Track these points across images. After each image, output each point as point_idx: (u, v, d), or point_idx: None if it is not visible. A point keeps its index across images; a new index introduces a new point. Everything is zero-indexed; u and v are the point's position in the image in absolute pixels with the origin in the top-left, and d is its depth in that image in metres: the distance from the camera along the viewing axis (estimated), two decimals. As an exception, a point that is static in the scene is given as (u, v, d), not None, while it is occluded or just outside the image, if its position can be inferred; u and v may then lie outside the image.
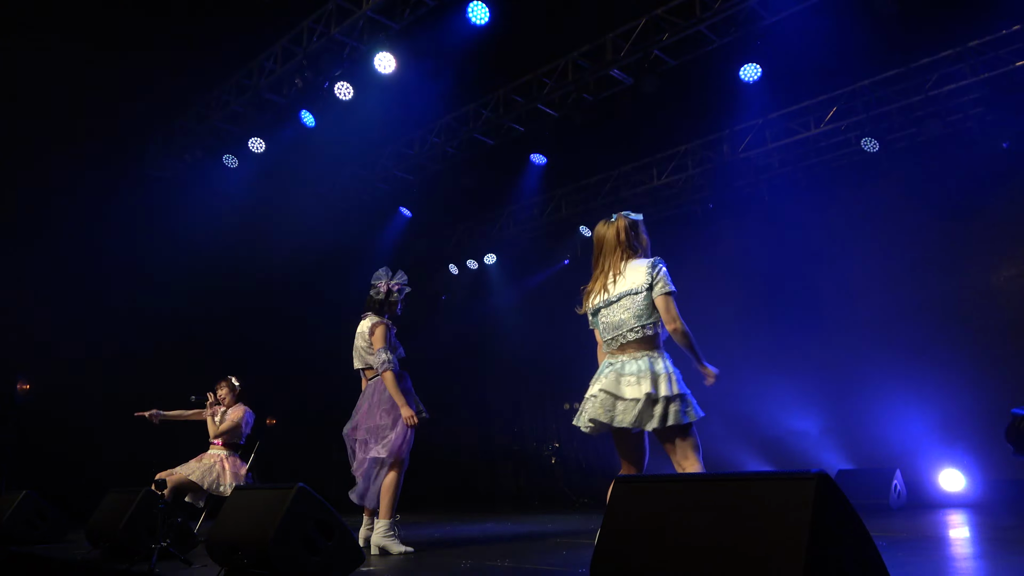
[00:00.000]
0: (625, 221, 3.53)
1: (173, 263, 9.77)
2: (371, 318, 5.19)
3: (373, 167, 10.87)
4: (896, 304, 9.21)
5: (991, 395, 8.13)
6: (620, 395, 3.20)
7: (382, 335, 5.03)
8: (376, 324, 5.09)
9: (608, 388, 3.24)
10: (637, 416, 3.14)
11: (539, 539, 6.02)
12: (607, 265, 3.48)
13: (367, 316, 5.24)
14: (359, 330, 5.23)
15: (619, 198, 11.07)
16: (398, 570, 4.23)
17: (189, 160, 9.65)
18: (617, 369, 3.27)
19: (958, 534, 5.60)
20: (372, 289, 5.25)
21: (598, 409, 3.23)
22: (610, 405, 3.21)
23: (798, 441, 9.53)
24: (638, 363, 3.24)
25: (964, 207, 9.09)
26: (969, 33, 7.93)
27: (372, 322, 5.13)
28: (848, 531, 2.08)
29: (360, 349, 5.19)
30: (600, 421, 3.22)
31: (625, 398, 3.19)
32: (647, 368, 3.20)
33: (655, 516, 2.29)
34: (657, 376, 3.19)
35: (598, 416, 3.22)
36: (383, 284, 5.24)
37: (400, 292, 5.26)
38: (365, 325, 5.19)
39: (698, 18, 7.44)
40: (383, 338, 5.02)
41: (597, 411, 3.23)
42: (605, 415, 3.21)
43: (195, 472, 5.96)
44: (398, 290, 5.25)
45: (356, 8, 7.55)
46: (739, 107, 8.94)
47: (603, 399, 3.23)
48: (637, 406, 3.14)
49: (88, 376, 9.16)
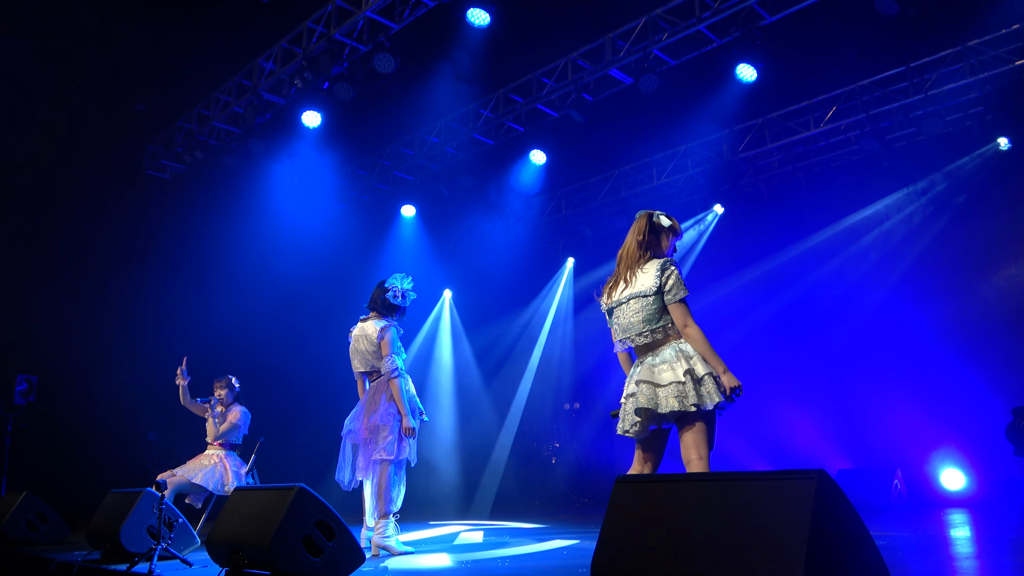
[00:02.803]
0: (646, 220, 3.48)
1: (173, 263, 9.78)
2: (378, 320, 5.12)
3: (373, 167, 10.87)
4: (896, 303, 9.21)
5: (991, 394, 8.14)
6: (658, 382, 3.18)
7: (391, 340, 5.02)
8: (386, 328, 5.04)
9: (644, 378, 3.22)
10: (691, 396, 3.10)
11: (539, 539, 6.02)
12: (625, 263, 3.45)
13: (372, 317, 5.17)
14: (363, 332, 5.13)
15: (619, 198, 11.08)
16: (398, 570, 4.23)
17: (189, 161, 9.66)
18: (647, 363, 3.26)
19: (958, 533, 5.60)
20: (387, 292, 5.17)
21: (642, 399, 3.19)
22: (652, 394, 3.18)
23: (798, 440, 9.53)
24: (667, 351, 3.23)
25: (964, 207, 9.10)
26: (969, 33, 7.93)
27: (381, 326, 5.05)
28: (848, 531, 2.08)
29: (365, 353, 5.10)
30: (647, 408, 3.16)
31: (663, 383, 3.17)
32: (679, 351, 3.20)
33: (656, 516, 2.29)
34: (690, 356, 3.18)
35: (644, 404, 3.17)
36: (399, 287, 5.21)
37: (406, 298, 5.24)
38: (371, 328, 5.09)
39: (698, 18, 7.45)
40: (391, 343, 5.02)
41: (642, 401, 3.18)
42: (650, 403, 3.16)
43: (197, 473, 5.96)
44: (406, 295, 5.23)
45: (356, 9, 7.55)
46: (739, 107, 8.93)
47: (644, 389, 3.20)
48: (682, 387, 3.12)
49: (88, 377, 9.16)
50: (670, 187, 10.78)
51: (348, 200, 11.24)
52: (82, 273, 9.40)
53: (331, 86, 7.85)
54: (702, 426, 3.15)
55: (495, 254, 12.56)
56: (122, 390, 9.16)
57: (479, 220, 12.21)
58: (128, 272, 9.52)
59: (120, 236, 9.68)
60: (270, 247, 10.09)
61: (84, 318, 9.23)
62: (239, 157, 9.26)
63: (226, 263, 9.83)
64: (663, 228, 3.48)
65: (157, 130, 9.94)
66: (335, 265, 10.75)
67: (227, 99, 9.04)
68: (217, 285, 9.82)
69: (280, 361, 10.27)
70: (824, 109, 9.20)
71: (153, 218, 9.96)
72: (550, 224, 12.18)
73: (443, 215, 11.86)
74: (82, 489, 8.09)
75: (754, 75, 7.87)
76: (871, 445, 9.07)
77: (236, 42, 8.41)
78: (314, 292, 10.69)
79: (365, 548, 4.81)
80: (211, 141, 9.48)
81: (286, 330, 10.55)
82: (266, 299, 9.95)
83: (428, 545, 5.71)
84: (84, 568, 4.57)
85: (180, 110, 9.59)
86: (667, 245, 3.50)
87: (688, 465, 3.16)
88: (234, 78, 8.84)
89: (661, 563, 2.18)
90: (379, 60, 7.57)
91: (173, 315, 9.79)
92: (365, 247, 11.46)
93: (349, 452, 5.13)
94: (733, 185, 10.11)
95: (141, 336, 9.65)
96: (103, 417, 9.14)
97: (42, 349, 8.84)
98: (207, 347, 9.13)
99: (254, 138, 8.88)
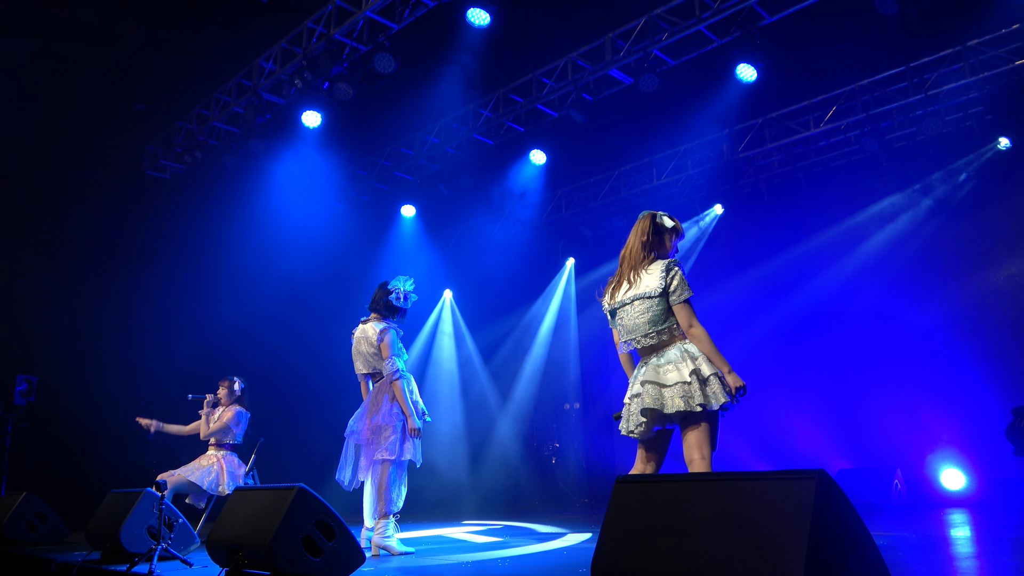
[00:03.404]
0: (649, 221, 3.48)
1: (173, 263, 9.77)
2: (378, 322, 5.13)
3: (372, 167, 10.87)
4: (896, 303, 9.21)
5: (991, 394, 8.14)
6: (664, 383, 3.18)
7: (391, 342, 5.03)
8: (385, 331, 5.05)
9: (649, 378, 3.22)
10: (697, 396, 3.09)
11: (540, 539, 6.02)
12: (629, 263, 3.45)
13: (372, 319, 5.18)
14: (364, 334, 5.14)
15: (619, 198, 11.08)
16: (398, 571, 4.24)
17: (189, 161, 9.65)
18: (652, 364, 3.26)
19: (958, 533, 5.60)
20: (390, 293, 5.18)
21: (647, 400, 3.18)
22: (657, 394, 3.18)
23: (798, 440, 9.53)
24: (672, 352, 3.23)
25: (964, 207, 9.10)
26: (969, 33, 7.93)
27: (381, 328, 5.07)
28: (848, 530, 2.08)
29: (366, 355, 5.12)
30: (653, 408, 3.15)
31: (668, 384, 3.17)
32: (685, 352, 3.20)
33: (656, 516, 2.29)
34: (696, 356, 3.19)
35: (650, 404, 3.16)
36: (401, 289, 5.21)
37: (408, 299, 5.25)
38: (371, 330, 5.10)
39: (698, 18, 7.45)
40: (391, 345, 5.03)
41: (647, 402, 3.17)
42: (656, 403, 3.16)
43: (195, 473, 5.97)
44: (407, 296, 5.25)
45: (356, 9, 7.55)
46: (739, 107, 8.93)
47: (649, 389, 3.19)
48: (688, 388, 3.11)
49: (88, 377, 9.16)
50: (670, 187, 10.78)
51: (348, 200, 11.24)
52: (82, 273, 9.40)
53: (331, 86, 7.85)
54: (706, 427, 3.15)
55: (495, 254, 12.56)
56: (122, 390, 9.16)
57: (479, 220, 12.21)
58: (128, 272, 9.51)
59: (120, 236, 9.67)
60: (270, 247, 10.09)
61: (84, 318, 9.23)
62: (239, 157, 9.25)
63: (226, 263, 9.83)
64: (666, 229, 3.48)
65: (157, 130, 9.94)
66: (335, 265, 10.75)
67: (227, 99, 9.04)
68: (217, 285, 9.82)
69: (280, 361, 10.26)
70: (824, 109, 9.19)
71: (153, 218, 9.96)
72: (550, 224, 12.18)
73: (443, 215, 11.86)
74: (82, 489, 8.09)
75: (754, 75, 7.87)
76: (871, 445, 9.07)
77: (236, 42, 8.41)
78: (314, 292, 10.68)
79: (365, 548, 4.82)
80: (211, 141, 9.48)
81: (286, 330, 10.55)
82: (266, 299, 9.95)
83: (428, 545, 5.71)
84: (84, 568, 4.57)
85: (180, 110, 9.59)
86: (670, 246, 3.50)
87: (691, 465, 3.16)
88: (234, 78, 8.84)
89: (661, 563, 2.18)
90: (379, 60, 7.57)
91: (173, 315, 9.79)
92: (365, 247, 11.46)
93: (352, 452, 5.14)
94: (733, 185, 10.11)
95: (141, 336, 9.64)
96: (103, 417, 9.13)
97: (42, 349, 8.84)
98: (207, 347, 9.16)
99: (254, 138, 8.87)
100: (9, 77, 8.34)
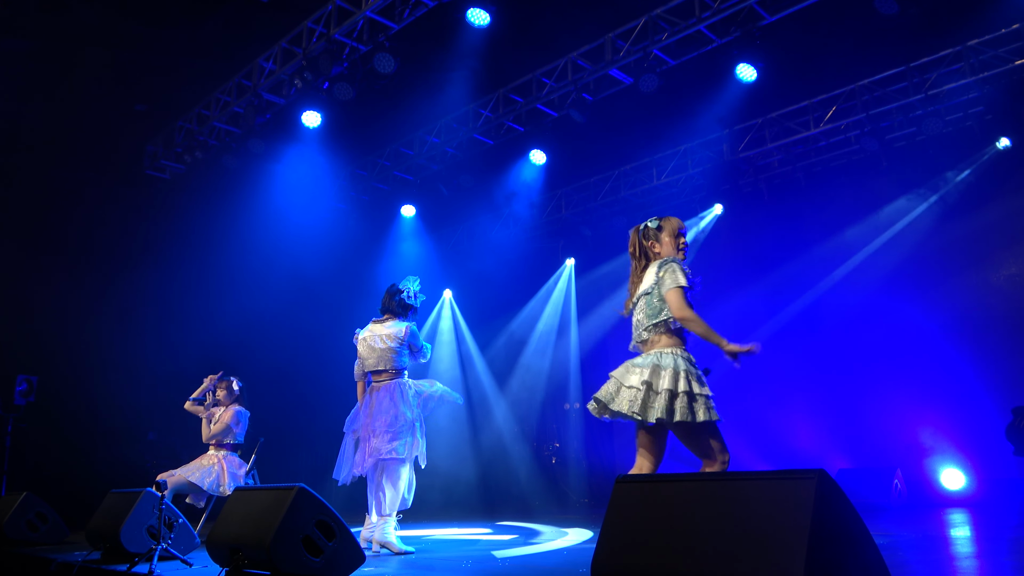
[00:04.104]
0: (633, 235, 3.60)
1: (173, 263, 9.77)
2: (397, 322, 5.26)
3: (372, 167, 10.87)
4: (896, 303, 9.21)
5: (991, 394, 8.14)
6: (624, 382, 3.26)
7: (417, 334, 5.31)
8: (410, 327, 5.27)
9: (617, 375, 3.32)
10: (639, 405, 3.15)
11: (540, 539, 6.02)
12: (632, 279, 3.59)
13: (388, 318, 5.28)
14: (382, 332, 5.22)
15: (619, 198, 11.08)
16: (399, 570, 4.24)
17: (189, 161, 9.65)
18: (632, 361, 3.34)
19: (958, 533, 5.60)
20: (401, 293, 5.33)
21: (603, 391, 3.30)
22: (615, 390, 3.26)
23: (798, 440, 9.53)
24: (648, 357, 3.29)
25: (964, 207, 9.10)
26: (969, 33, 7.92)
27: (405, 324, 5.25)
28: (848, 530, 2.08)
29: (385, 350, 5.18)
30: (601, 401, 3.27)
31: (626, 385, 3.24)
32: (653, 361, 3.25)
33: (656, 516, 2.29)
34: (660, 368, 3.21)
35: (601, 396, 3.28)
36: (411, 289, 5.37)
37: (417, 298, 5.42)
38: (392, 328, 5.22)
39: (698, 18, 7.44)
40: (418, 336, 5.31)
41: (602, 392, 3.30)
42: (606, 396, 3.27)
43: (195, 473, 5.97)
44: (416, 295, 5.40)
45: (356, 9, 7.55)
46: (739, 107, 8.93)
47: (611, 383, 3.30)
48: (635, 394, 3.17)
49: (88, 377, 9.16)
50: (670, 187, 10.78)
51: (348, 200, 11.24)
52: (82, 273, 9.40)
53: (331, 86, 7.85)
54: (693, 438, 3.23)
55: (495, 254, 12.55)
56: (122, 390, 9.15)
57: (479, 220, 12.21)
58: (128, 272, 9.52)
59: (120, 236, 9.68)
60: (270, 247, 10.09)
61: (84, 318, 9.23)
62: (239, 157, 9.25)
63: (226, 263, 9.83)
64: (652, 233, 3.55)
65: (157, 130, 9.94)
66: (335, 265, 10.75)
67: (227, 99, 9.04)
68: (217, 285, 9.82)
69: (279, 361, 10.26)
70: (824, 109, 9.19)
71: (153, 218, 9.96)
72: (550, 224, 12.17)
73: (443, 215, 11.86)
74: (82, 489, 8.08)
75: (754, 75, 7.86)
76: (871, 445, 9.07)
77: (236, 42, 8.41)
78: (314, 292, 10.69)
79: (366, 547, 4.82)
80: (211, 141, 9.48)
81: (286, 330, 10.55)
82: (266, 299, 9.95)
83: (428, 545, 5.71)
84: (84, 568, 4.58)
85: (180, 110, 9.59)
86: (670, 245, 3.53)
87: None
88: (234, 78, 8.84)
89: (661, 563, 2.19)
90: (379, 60, 7.57)
91: (173, 315, 9.79)
92: (365, 247, 11.46)
93: (350, 449, 5.16)
94: (733, 185, 10.11)
95: (141, 336, 9.64)
96: (103, 417, 9.13)
97: (42, 349, 8.84)
98: (207, 347, 9.15)
99: (254, 138, 8.87)
100: (10, 77, 8.34)
